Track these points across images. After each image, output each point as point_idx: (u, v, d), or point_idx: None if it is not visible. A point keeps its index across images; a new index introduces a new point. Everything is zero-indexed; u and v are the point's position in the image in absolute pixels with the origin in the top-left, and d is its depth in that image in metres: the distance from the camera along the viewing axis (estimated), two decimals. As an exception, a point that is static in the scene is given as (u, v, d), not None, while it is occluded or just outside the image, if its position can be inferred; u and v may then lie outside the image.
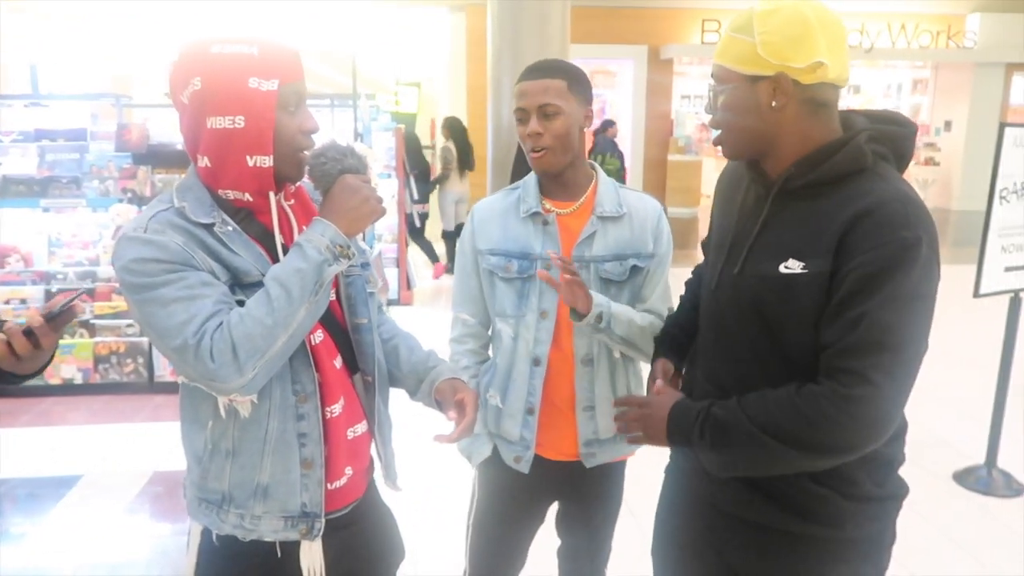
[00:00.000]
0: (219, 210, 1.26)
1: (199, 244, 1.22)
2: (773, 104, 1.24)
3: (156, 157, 4.70)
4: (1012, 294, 3.44)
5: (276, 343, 1.17)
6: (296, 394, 1.29)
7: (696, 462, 1.40)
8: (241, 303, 1.21)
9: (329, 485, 1.35)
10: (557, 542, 1.96)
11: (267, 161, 1.23)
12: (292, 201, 1.35)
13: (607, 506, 1.84)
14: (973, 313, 6.34)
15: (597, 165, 1.76)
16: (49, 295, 4.53)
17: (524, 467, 1.73)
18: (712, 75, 1.31)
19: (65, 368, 4.51)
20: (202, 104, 1.20)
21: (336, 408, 1.34)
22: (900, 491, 1.36)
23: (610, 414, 1.67)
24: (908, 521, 3.09)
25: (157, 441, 3.87)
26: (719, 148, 1.34)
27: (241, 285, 1.24)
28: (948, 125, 13.51)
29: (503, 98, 6.50)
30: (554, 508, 1.90)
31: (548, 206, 1.70)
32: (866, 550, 1.33)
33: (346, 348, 1.40)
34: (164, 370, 4.56)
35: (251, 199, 1.26)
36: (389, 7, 11.86)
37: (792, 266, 1.23)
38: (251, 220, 1.29)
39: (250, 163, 1.22)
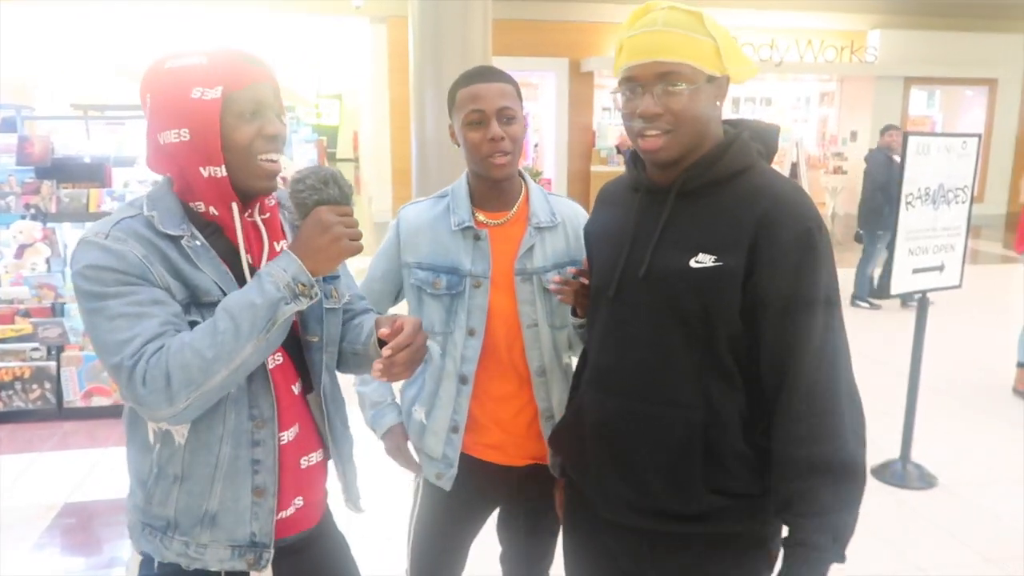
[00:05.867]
0: (189, 223, 1.21)
1: (160, 258, 1.17)
2: (717, 104, 1.28)
3: (61, 171, 4.48)
4: (920, 294, 3.61)
5: (214, 377, 1.11)
6: (253, 419, 1.23)
7: (584, 475, 1.43)
8: (195, 324, 1.16)
9: (276, 515, 1.29)
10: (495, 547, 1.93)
11: (220, 171, 1.18)
12: (267, 215, 1.29)
13: (553, 513, 1.82)
14: (882, 314, 6.66)
15: (525, 172, 1.75)
16: (-56, 319, 4.24)
17: (446, 484, 1.70)
18: (667, 73, 1.23)
19: (-37, 396, 4.22)
20: (153, 120, 1.19)
21: (288, 435, 1.29)
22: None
23: None
24: (831, 517, 3.20)
25: (67, 471, 3.64)
26: (657, 147, 1.26)
27: (198, 304, 1.19)
28: (854, 135, 14.17)
29: (426, 111, 6.46)
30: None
31: (481, 218, 1.65)
32: (747, 543, 1.35)
33: (305, 368, 1.34)
34: (74, 396, 4.32)
35: (216, 213, 1.22)
36: (308, 18, 11.68)
37: (703, 260, 1.24)
38: (219, 236, 1.24)
39: (204, 174, 1.19)
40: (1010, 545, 3.03)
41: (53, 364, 4.30)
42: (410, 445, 1.78)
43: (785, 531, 1.30)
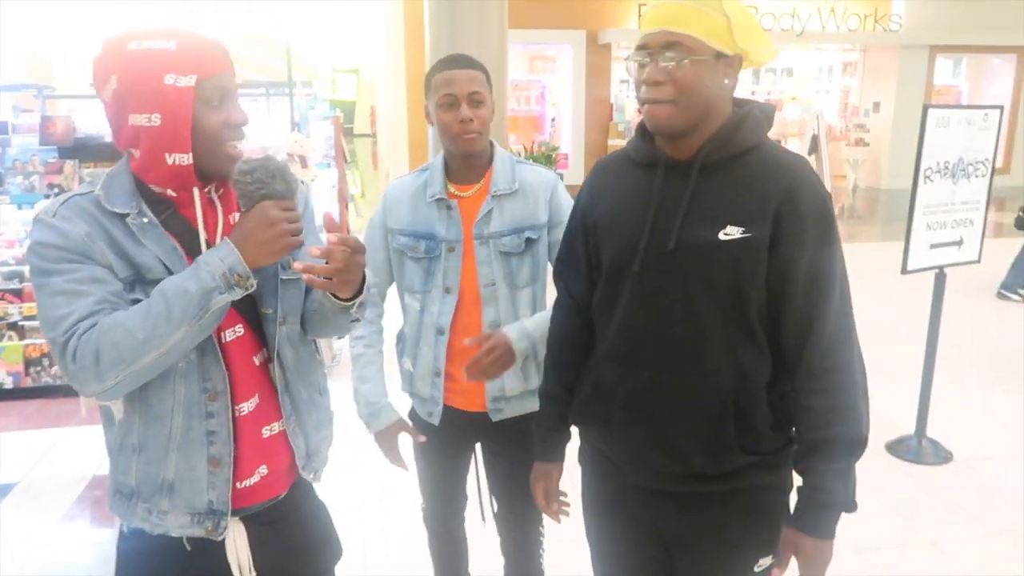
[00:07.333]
0: (140, 200, 1.24)
1: (104, 235, 1.21)
2: (726, 82, 1.31)
3: (84, 150, 4.54)
4: (937, 270, 3.59)
5: (144, 358, 1.15)
6: (206, 392, 1.27)
7: (610, 446, 1.49)
8: (137, 302, 1.20)
9: (239, 484, 1.33)
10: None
11: (186, 159, 1.21)
12: (222, 190, 1.32)
13: (526, 456, 1.92)
14: (903, 288, 6.60)
15: (496, 143, 1.88)
16: (-27, 297, 4.35)
17: (435, 420, 1.93)
18: (671, 44, 1.27)
19: (-7, 372, 4.33)
20: (122, 102, 1.19)
21: (247, 406, 1.32)
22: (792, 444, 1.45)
23: (516, 375, 1.86)
24: (844, 491, 3.22)
25: (95, 444, 3.74)
26: (660, 115, 1.30)
27: (143, 281, 1.22)
28: (877, 106, 13.93)
29: (443, 85, 6.42)
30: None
31: (452, 190, 1.84)
32: (768, 493, 1.41)
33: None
34: (100, 371, 4.41)
35: (174, 194, 1.25)
36: (324, -8, 11.62)
37: (732, 232, 1.30)
38: (174, 213, 1.27)
39: (169, 161, 1.21)
40: (1023, 520, 3.05)
41: (79, 340, 4.39)
42: (401, 440, 1.95)
43: (798, 480, 1.39)
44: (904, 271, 3.44)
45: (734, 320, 1.33)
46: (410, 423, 1.99)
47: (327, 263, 1.22)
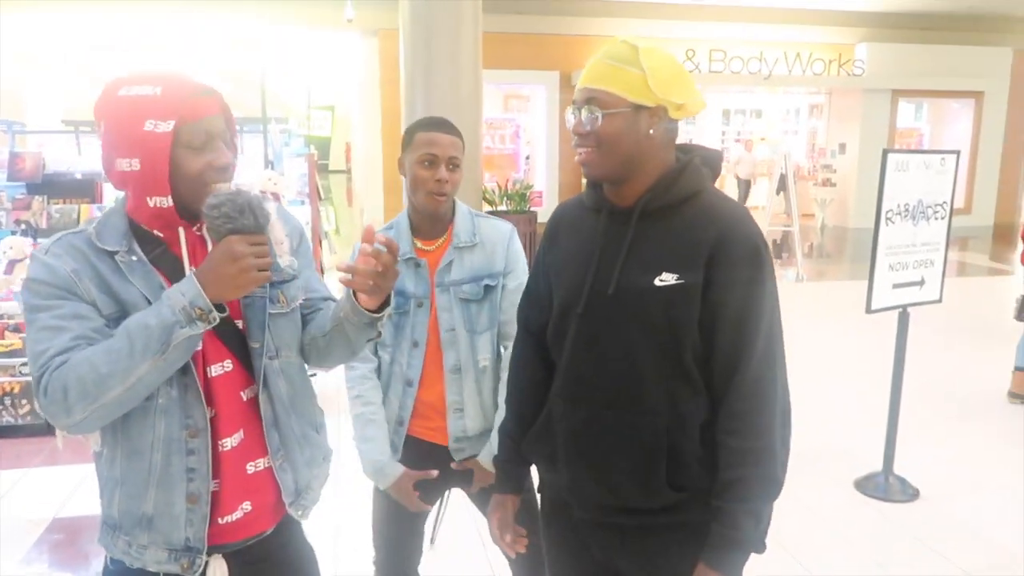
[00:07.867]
0: (132, 239, 1.27)
1: (91, 272, 1.23)
2: (651, 132, 1.37)
3: (52, 187, 4.52)
4: (900, 309, 3.66)
5: (109, 393, 1.16)
6: (187, 428, 1.28)
7: (557, 478, 1.53)
8: None
9: (220, 519, 1.33)
10: None
11: (165, 202, 1.24)
12: None
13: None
14: (871, 325, 6.71)
15: (456, 200, 1.97)
16: (-66, 334, 4.25)
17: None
18: (589, 99, 1.37)
19: (-47, 411, 4.23)
20: (109, 146, 1.24)
21: (231, 441, 1.33)
22: None
23: (477, 415, 1.95)
24: (810, 526, 3.25)
25: (56, 486, 3.65)
26: (584, 161, 1.41)
27: (127, 317, 1.23)
28: (843, 147, 14.29)
29: (417, 124, 6.49)
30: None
31: (419, 245, 1.95)
32: (703, 529, 1.42)
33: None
34: (64, 409, 4.32)
35: (161, 233, 1.28)
36: (301, 31, 11.74)
37: (666, 278, 1.36)
38: (165, 251, 1.29)
39: (151, 204, 1.24)
40: (989, 557, 3.08)
41: (43, 379, 4.30)
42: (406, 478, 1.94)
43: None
44: (868, 310, 3.51)
45: (669, 362, 1.37)
46: (411, 471, 1.95)
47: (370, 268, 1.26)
